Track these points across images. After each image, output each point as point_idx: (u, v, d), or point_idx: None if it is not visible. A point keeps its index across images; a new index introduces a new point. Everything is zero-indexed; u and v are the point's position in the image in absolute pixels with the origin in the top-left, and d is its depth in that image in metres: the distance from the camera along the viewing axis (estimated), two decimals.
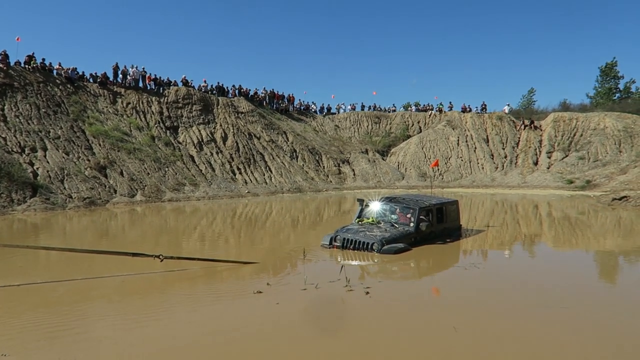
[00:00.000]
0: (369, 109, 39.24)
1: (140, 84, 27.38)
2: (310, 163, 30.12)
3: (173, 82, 29.05)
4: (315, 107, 38.43)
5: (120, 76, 26.76)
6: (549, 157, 31.25)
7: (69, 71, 24.61)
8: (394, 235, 9.96)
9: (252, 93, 33.48)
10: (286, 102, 36.03)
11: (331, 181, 29.62)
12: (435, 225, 10.95)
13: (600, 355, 4.85)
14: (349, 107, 39.18)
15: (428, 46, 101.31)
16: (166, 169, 23.12)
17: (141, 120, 25.52)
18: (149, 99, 26.80)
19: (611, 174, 27.20)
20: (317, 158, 31.07)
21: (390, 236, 9.84)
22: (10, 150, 18.60)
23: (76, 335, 5.30)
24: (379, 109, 39.61)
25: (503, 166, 31.64)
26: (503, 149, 32.94)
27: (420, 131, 36.66)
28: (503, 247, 11.52)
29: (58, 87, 23.35)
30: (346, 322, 5.83)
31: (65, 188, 18.45)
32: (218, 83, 31.53)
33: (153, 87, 27.78)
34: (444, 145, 33.72)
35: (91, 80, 25.87)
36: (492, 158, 32.40)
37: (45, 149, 19.73)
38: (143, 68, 27.63)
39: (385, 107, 40.12)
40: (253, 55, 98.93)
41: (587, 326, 5.71)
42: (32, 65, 23.19)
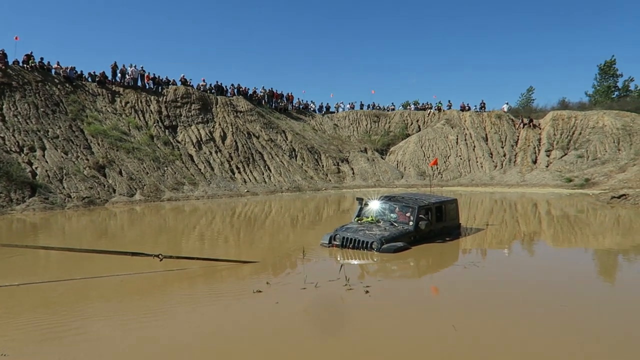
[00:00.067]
0: (368, 108, 39.23)
1: (139, 83, 27.34)
2: (309, 162, 30.11)
3: (172, 81, 29.02)
4: (314, 106, 38.42)
5: (119, 75, 26.72)
6: (548, 156, 31.28)
7: (68, 70, 24.57)
8: (394, 234, 9.97)
9: (251, 92, 33.46)
10: (285, 101, 36.01)
11: (330, 180, 29.61)
12: (434, 224, 10.96)
13: (599, 353, 4.86)
14: (348, 106, 39.18)
15: (427, 45, 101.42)
16: (165, 169, 23.10)
17: (140, 119, 25.49)
18: (148, 98, 26.77)
19: (610, 172, 27.24)
20: (316, 157, 31.07)
21: (389, 235, 9.85)
22: (8, 149, 18.57)
23: (75, 335, 5.30)
24: (378, 108, 39.60)
25: (502, 165, 31.66)
26: (502, 148, 32.96)
27: (419, 130, 36.67)
28: (502, 246, 11.54)
29: (56, 87, 23.31)
30: (346, 321, 5.83)
31: (64, 188, 18.42)
32: (217, 82, 31.53)
33: (152, 86, 27.73)
34: (443, 144, 33.73)
35: (90, 79, 25.83)
36: (491, 157, 32.42)
37: (43, 149, 19.70)
38: (142, 67, 27.62)
39: (384, 106, 40.12)
40: (252, 54, 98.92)
41: (586, 324, 5.73)
42: (31, 64, 23.14)
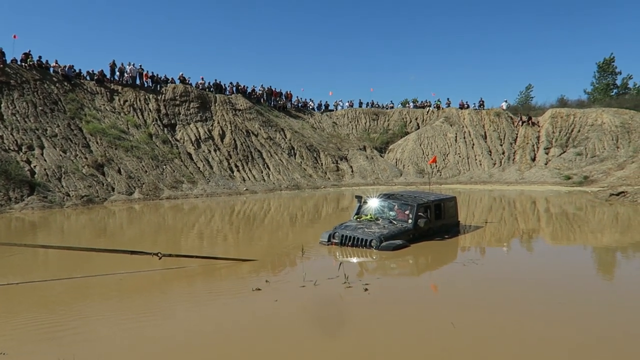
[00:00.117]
0: (367, 106, 39.20)
1: (137, 82, 27.27)
2: (308, 160, 30.10)
3: (170, 80, 28.95)
4: (313, 104, 38.38)
5: (117, 74, 26.63)
6: (547, 153, 31.31)
7: (66, 69, 24.49)
8: (392, 232, 9.98)
9: (250, 90, 33.41)
10: (284, 99, 35.97)
11: (329, 178, 29.61)
12: (433, 221, 10.97)
13: (597, 349, 4.88)
14: (347, 104, 39.15)
15: (426, 43, 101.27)
16: (164, 167, 23.07)
17: (138, 117, 25.44)
18: (146, 97, 26.71)
19: (608, 170, 27.27)
20: (315, 155, 31.05)
21: (388, 233, 9.86)
22: (7, 148, 18.53)
23: (74, 334, 5.30)
24: (377, 106, 39.57)
25: (501, 162, 31.68)
26: (501, 145, 32.97)
27: (418, 128, 36.66)
28: (501, 243, 11.56)
29: (55, 85, 23.25)
30: (345, 319, 5.84)
31: (62, 186, 18.40)
32: (215, 80, 31.47)
33: (150, 85, 27.66)
34: (442, 141, 33.73)
35: (88, 77, 25.75)
36: (490, 154, 32.43)
37: (42, 147, 19.66)
38: (140, 65, 27.56)
39: (383, 104, 40.10)
40: (251, 53, 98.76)
41: (585, 322, 5.74)
42: (29, 62, 23.07)
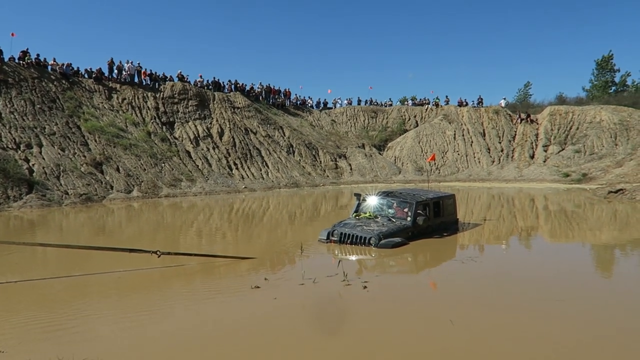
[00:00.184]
0: (366, 104, 39.19)
1: (135, 80, 27.22)
2: (307, 158, 30.09)
3: (169, 78, 28.89)
4: (311, 102, 38.34)
5: (115, 72, 26.56)
6: (545, 151, 31.33)
7: (64, 67, 24.41)
8: (391, 229, 9.99)
9: (248, 88, 33.36)
10: (282, 97, 35.93)
11: (328, 176, 29.61)
12: (432, 219, 10.98)
13: (596, 347, 4.89)
14: (346, 102, 39.13)
15: (425, 41, 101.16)
16: (162, 165, 23.05)
17: (137, 115, 25.39)
18: (145, 95, 26.65)
19: (607, 167, 27.31)
20: (314, 153, 31.04)
21: (387, 230, 9.87)
22: (5, 146, 18.48)
23: (73, 332, 5.30)
24: (376, 104, 39.56)
25: (499, 160, 31.70)
26: (499, 143, 32.98)
27: (416, 125, 36.66)
28: (500, 241, 11.58)
29: (53, 83, 23.19)
30: (344, 317, 5.84)
31: (61, 184, 18.36)
32: (214, 78, 31.42)
33: (149, 83, 27.59)
34: (441, 139, 33.74)
35: (86, 75, 25.67)
36: (489, 152, 32.45)
37: (40, 145, 19.61)
38: (138, 63, 27.51)
39: (381, 102, 40.09)
40: (249, 51, 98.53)
41: (583, 319, 5.75)
42: (27, 61, 22.99)
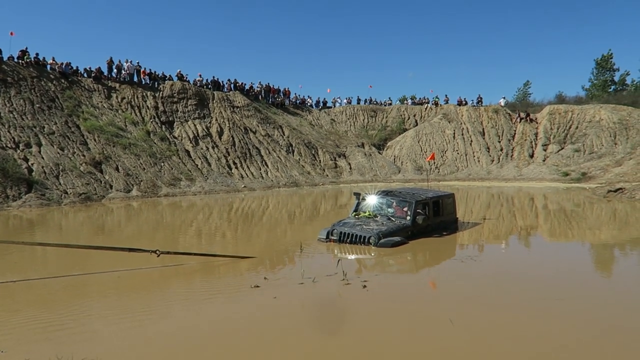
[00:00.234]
0: (365, 103, 39.18)
1: (135, 79, 27.19)
2: (306, 157, 30.08)
3: (168, 77, 28.85)
4: (311, 101, 38.31)
5: (114, 71, 26.53)
6: (545, 150, 31.33)
7: (63, 66, 24.37)
8: (391, 228, 9.99)
9: (248, 87, 33.34)
10: (282, 96, 35.92)
11: (327, 175, 29.61)
12: (431, 218, 10.98)
13: (596, 346, 4.89)
14: (345, 101, 39.11)
15: (424, 40, 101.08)
16: (162, 164, 23.03)
17: (136, 115, 25.37)
18: (144, 94, 26.62)
19: (606, 166, 27.32)
20: (314, 152, 31.03)
21: (387, 230, 9.87)
22: (4, 146, 18.45)
23: (73, 331, 5.29)
24: (375, 103, 39.54)
25: (499, 159, 31.71)
26: (499, 142, 32.99)
27: (416, 124, 36.65)
28: (499, 240, 11.58)
29: (52, 82, 23.15)
30: (343, 316, 5.84)
31: (60, 184, 18.35)
32: (213, 77, 31.38)
33: (148, 82, 27.56)
34: (440, 138, 33.74)
35: (85, 75, 25.65)
36: (488, 151, 32.45)
37: (39, 145, 19.59)
38: (138, 62, 27.47)
39: (381, 101, 40.07)
40: (249, 50, 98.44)
41: (583, 318, 5.75)
42: (26, 60, 22.96)
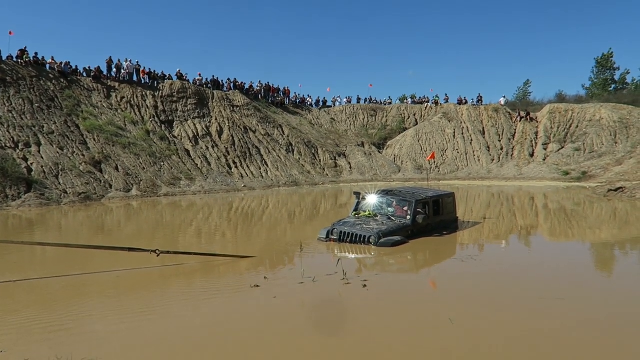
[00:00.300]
0: (365, 102, 39.15)
1: (134, 78, 27.16)
2: (306, 156, 30.06)
3: (168, 76, 28.82)
4: (311, 100, 38.29)
5: (114, 70, 26.51)
6: (545, 149, 31.31)
7: (62, 65, 24.34)
8: (391, 228, 9.96)
9: (248, 86, 33.32)
10: (282, 96, 35.89)
11: (327, 174, 29.59)
12: (431, 217, 10.96)
13: (596, 346, 4.87)
14: (345, 100, 39.08)
15: (424, 39, 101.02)
16: (162, 164, 23.01)
17: (136, 114, 25.34)
18: (144, 93, 26.60)
19: (607, 165, 27.31)
20: (313, 151, 31.01)
21: (387, 229, 9.85)
22: (3, 145, 18.43)
23: (72, 331, 5.27)
24: (375, 102, 39.51)
25: (499, 158, 31.69)
26: (499, 141, 32.97)
27: (416, 124, 36.63)
28: (499, 239, 11.56)
29: (51, 82, 23.12)
30: (343, 316, 5.83)
31: (60, 183, 18.32)
32: (213, 77, 31.40)
33: (147, 81, 27.52)
34: (440, 137, 33.72)
35: (85, 74, 25.63)
36: (488, 150, 32.43)
37: (39, 144, 19.56)
38: (137, 62, 27.45)
39: (381, 100, 40.05)
40: (248, 50, 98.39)
41: (583, 317, 5.74)
42: (25, 59, 22.93)
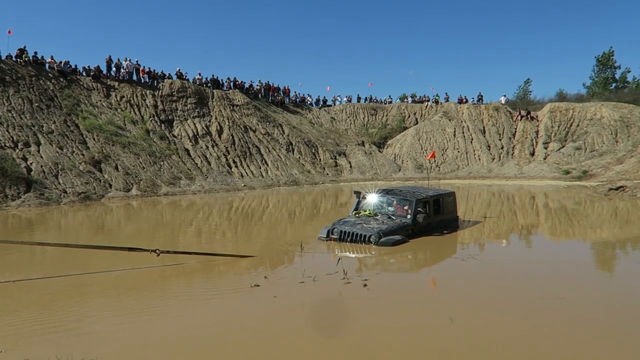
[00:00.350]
0: (365, 101, 39.10)
1: (134, 77, 27.13)
2: (306, 156, 30.03)
3: (167, 75, 28.79)
4: (311, 99, 38.26)
5: (113, 69, 26.48)
6: (546, 148, 31.28)
7: (62, 65, 24.32)
8: (391, 227, 9.94)
9: (247, 86, 33.29)
10: (282, 95, 35.86)
11: (328, 174, 29.56)
12: (432, 217, 10.94)
13: (596, 345, 4.85)
14: (345, 99, 39.06)
15: (424, 38, 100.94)
16: (161, 163, 22.98)
17: (135, 114, 25.31)
18: (143, 93, 26.56)
19: (608, 164, 27.27)
20: (313, 150, 30.98)
21: (387, 228, 9.83)
22: (3, 145, 18.40)
23: (72, 331, 5.25)
24: (375, 101, 39.47)
25: (500, 157, 31.66)
26: (500, 140, 32.93)
27: (416, 123, 36.59)
28: (500, 239, 11.54)
29: (50, 81, 23.09)
30: (344, 315, 5.81)
31: (59, 183, 18.30)
32: (213, 76, 31.37)
33: (147, 81, 27.50)
34: (441, 136, 33.68)
35: (84, 73, 25.60)
36: (489, 149, 32.40)
37: (38, 144, 19.54)
38: (137, 61, 27.41)
39: (381, 99, 40.00)
40: (248, 49, 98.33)
41: (584, 317, 5.71)
42: (24, 59, 22.91)
